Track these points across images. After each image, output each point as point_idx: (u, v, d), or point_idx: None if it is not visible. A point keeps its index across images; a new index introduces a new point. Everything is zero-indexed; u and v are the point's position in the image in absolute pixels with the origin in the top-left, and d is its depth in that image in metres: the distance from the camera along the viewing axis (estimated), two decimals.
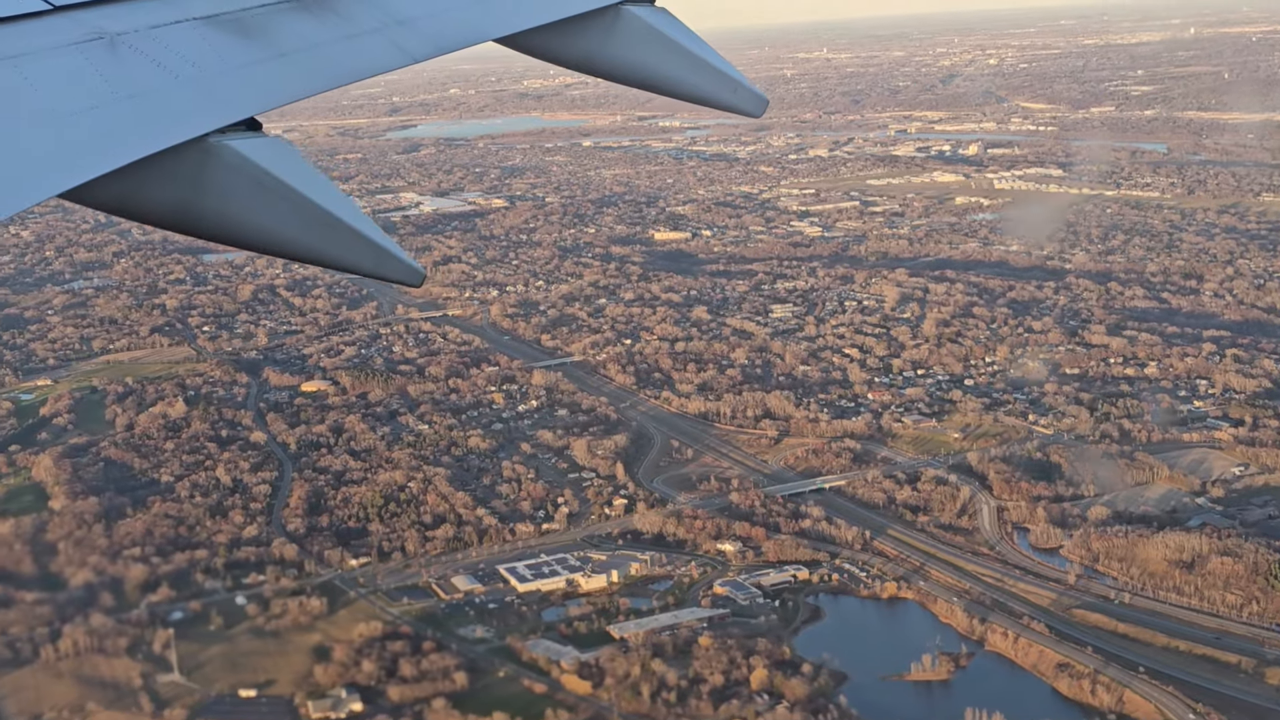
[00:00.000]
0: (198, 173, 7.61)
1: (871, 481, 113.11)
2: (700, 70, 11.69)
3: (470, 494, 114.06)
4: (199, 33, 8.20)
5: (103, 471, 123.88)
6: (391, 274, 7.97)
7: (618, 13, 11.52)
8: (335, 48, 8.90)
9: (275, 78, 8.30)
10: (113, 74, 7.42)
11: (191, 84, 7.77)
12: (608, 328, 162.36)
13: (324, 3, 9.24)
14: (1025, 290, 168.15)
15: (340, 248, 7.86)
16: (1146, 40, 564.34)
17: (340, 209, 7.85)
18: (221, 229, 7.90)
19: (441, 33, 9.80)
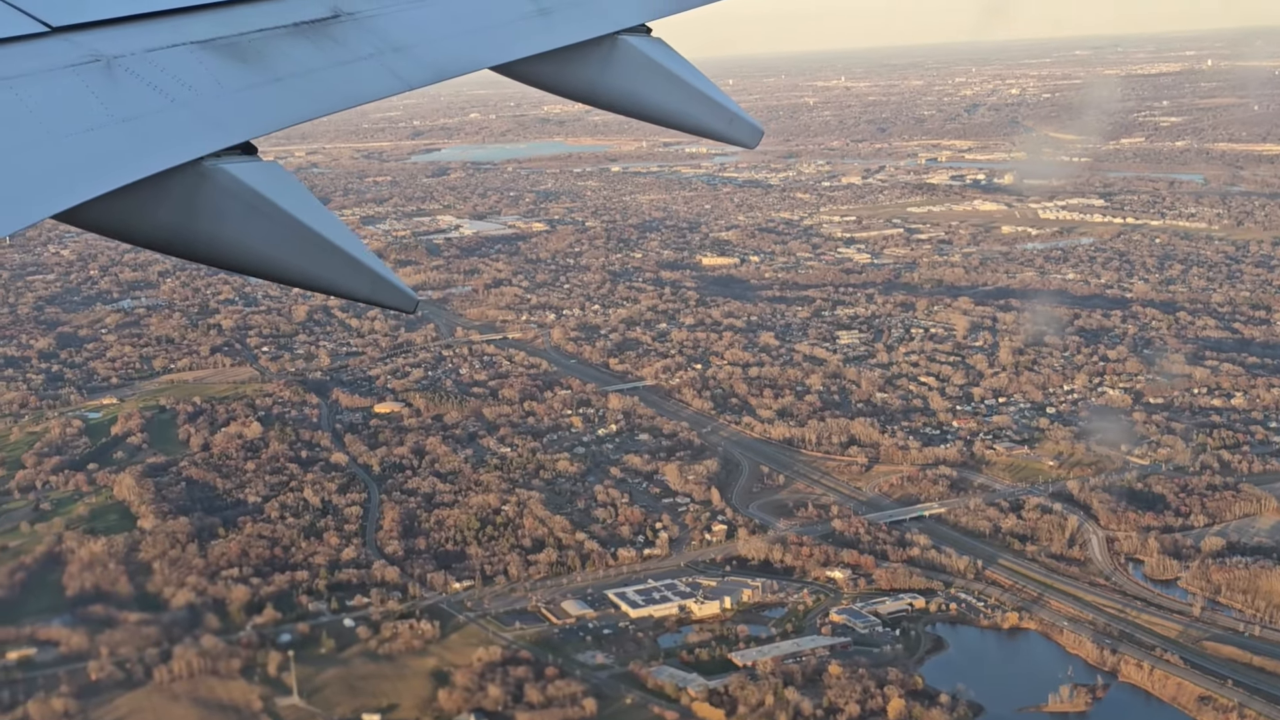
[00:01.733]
0: (192, 196, 7.59)
1: (974, 509, 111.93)
2: (696, 101, 11.66)
3: (567, 518, 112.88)
4: (195, 57, 8.18)
5: (186, 491, 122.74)
6: (386, 300, 7.94)
7: (614, 43, 11.44)
8: (331, 73, 8.88)
9: (271, 102, 8.25)
10: (109, 97, 7.40)
11: (187, 108, 7.75)
12: (675, 352, 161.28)
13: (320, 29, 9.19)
14: (1093, 319, 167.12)
15: (335, 272, 7.80)
16: (1165, 71, 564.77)
17: (335, 234, 7.79)
18: (216, 253, 7.84)
19: (437, 60, 9.75)
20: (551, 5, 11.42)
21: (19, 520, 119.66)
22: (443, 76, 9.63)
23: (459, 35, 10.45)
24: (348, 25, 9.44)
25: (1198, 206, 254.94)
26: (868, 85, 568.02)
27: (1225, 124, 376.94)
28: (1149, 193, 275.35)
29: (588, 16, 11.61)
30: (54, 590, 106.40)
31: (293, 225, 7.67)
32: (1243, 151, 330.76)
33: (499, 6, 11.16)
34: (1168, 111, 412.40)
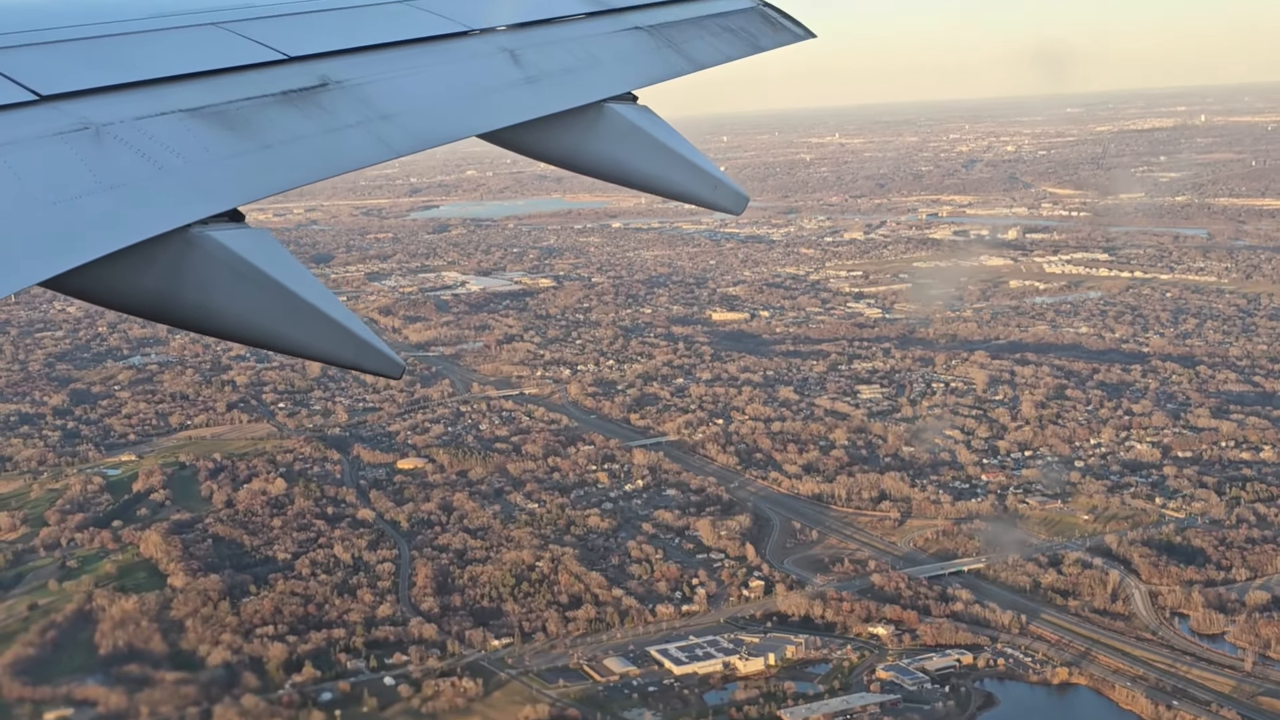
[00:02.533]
0: (179, 263, 7.59)
1: (1013, 564, 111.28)
2: (681, 168, 11.71)
3: (602, 574, 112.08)
4: (184, 124, 8.25)
5: (214, 548, 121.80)
6: (371, 366, 7.95)
7: (600, 110, 11.49)
8: (319, 140, 8.94)
9: (258, 170, 8.33)
10: (97, 164, 7.45)
11: (175, 175, 7.79)
12: (696, 407, 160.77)
13: (308, 96, 9.24)
14: (1112, 373, 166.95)
15: (321, 339, 7.81)
16: (1159, 126, 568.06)
17: (321, 301, 7.81)
18: (202, 319, 7.86)
19: (424, 128, 9.81)
20: (538, 74, 11.46)
21: (46, 578, 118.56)
22: (430, 144, 9.68)
23: (446, 103, 10.49)
24: (335, 93, 9.47)
25: (1205, 260, 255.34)
26: (862, 141, 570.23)
27: (1224, 179, 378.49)
28: (1154, 247, 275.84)
29: (575, 85, 11.67)
30: (86, 649, 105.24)
31: (279, 292, 7.66)
32: (1244, 206, 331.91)
33: (486, 74, 11.18)
34: (1166, 167, 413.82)
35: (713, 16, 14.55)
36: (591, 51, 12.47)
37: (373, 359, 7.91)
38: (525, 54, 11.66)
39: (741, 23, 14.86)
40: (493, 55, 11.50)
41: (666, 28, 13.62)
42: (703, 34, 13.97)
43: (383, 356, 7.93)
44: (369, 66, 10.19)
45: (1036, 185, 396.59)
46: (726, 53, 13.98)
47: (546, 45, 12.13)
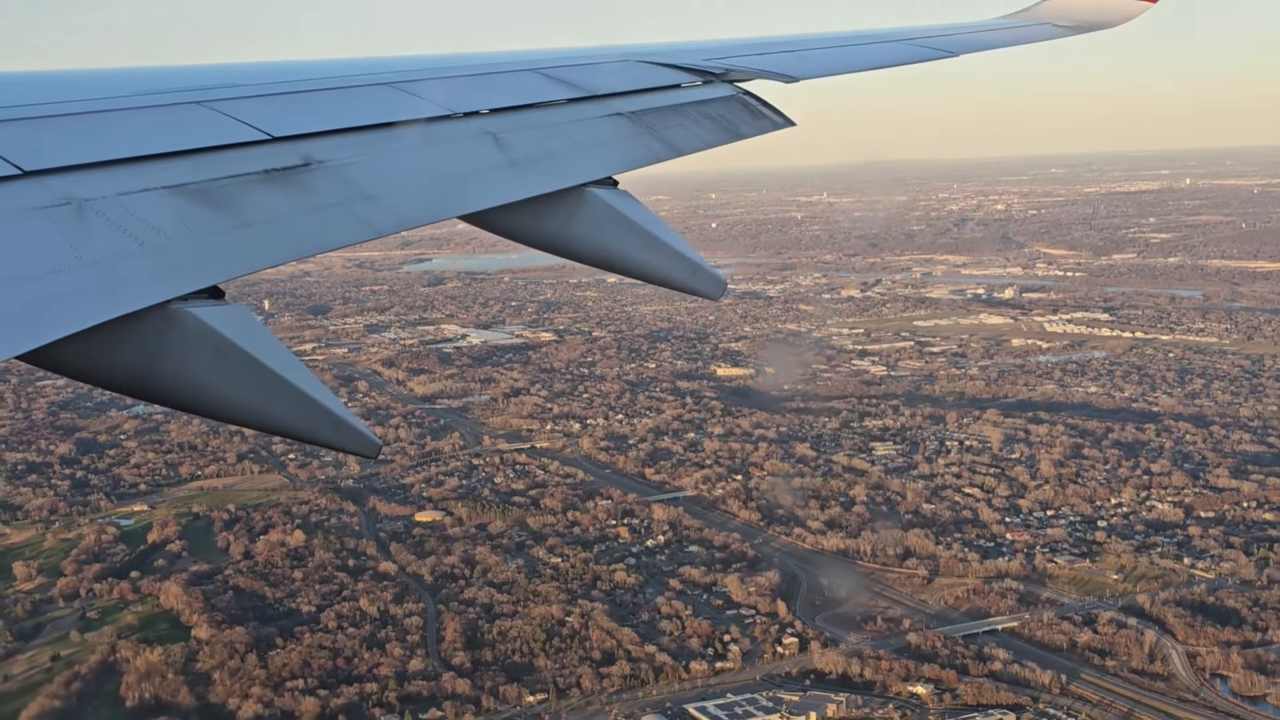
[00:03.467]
0: (158, 339, 7.61)
1: (1047, 624, 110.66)
2: (662, 253, 11.82)
3: (634, 630, 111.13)
4: (166, 201, 8.31)
5: (236, 600, 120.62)
6: (348, 445, 7.99)
7: (581, 195, 11.58)
8: (300, 220, 8.99)
9: (239, 247, 8.37)
10: (79, 239, 7.48)
11: (156, 251, 7.83)
12: (712, 462, 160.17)
13: (291, 176, 9.29)
14: (1127, 432, 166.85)
15: (299, 417, 7.83)
16: (1146, 189, 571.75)
17: (299, 379, 7.83)
18: (180, 396, 7.86)
19: (405, 209, 9.87)
20: (520, 157, 11.54)
21: (67, 628, 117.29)
22: (411, 225, 9.76)
23: (428, 184, 10.52)
24: (318, 173, 9.52)
25: (1204, 322, 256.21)
26: (851, 200, 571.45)
27: (1215, 241, 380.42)
28: (1152, 307, 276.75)
29: (556, 168, 11.74)
30: (112, 701, 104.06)
31: (257, 369, 7.69)
32: (1237, 268, 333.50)
33: (469, 157, 11.26)
34: (1156, 228, 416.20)
35: (694, 104, 14.66)
36: (573, 136, 12.62)
37: (349, 438, 7.95)
38: (507, 137, 11.75)
39: (722, 110, 14.90)
40: (475, 138, 11.61)
41: (648, 114, 13.71)
42: (684, 121, 14.05)
43: (359, 435, 7.96)
44: (352, 147, 10.27)
45: (1029, 245, 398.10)
46: (707, 139, 14.05)
47: (529, 129, 12.25)
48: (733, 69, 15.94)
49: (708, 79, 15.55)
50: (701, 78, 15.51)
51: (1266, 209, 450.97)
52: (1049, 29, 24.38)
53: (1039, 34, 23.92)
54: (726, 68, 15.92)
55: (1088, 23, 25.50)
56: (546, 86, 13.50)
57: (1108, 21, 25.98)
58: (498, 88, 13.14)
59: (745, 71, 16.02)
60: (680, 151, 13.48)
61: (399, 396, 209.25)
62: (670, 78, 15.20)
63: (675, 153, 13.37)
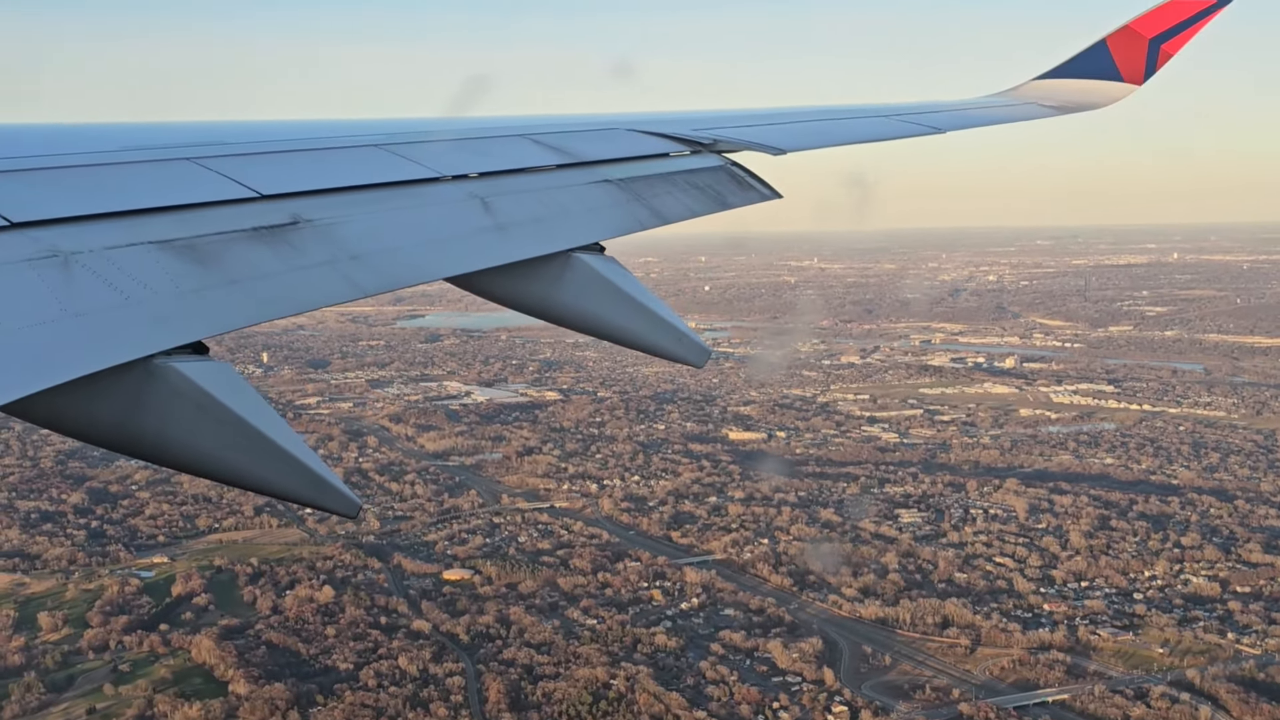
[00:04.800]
0: (140, 393, 7.57)
1: (1099, 696, 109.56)
2: (647, 320, 11.87)
3: (680, 695, 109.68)
4: (152, 256, 8.28)
5: (269, 655, 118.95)
6: (329, 505, 7.96)
7: (567, 260, 11.64)
8: (286, 278, 8.96)
9: (225, 304, 8.33)
10: (64, 292, 7.48)
11: (141, 305, 7.80)
12: (737, 526, 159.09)
13: (279, 234, 9.31)
14: (1151, 505, 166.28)
15: (281, 476, 7.76)
16: (1135, 262, 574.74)
17: (282, 437, 7.77)
18: (161, 451, 7.80)
19: (393, 270, 9.87)
20: (508, 221, 11.61)
21: (99, 681, 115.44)
22: (398, 285, 9.76)
23: (416, 246, 10.55)
24: (306, 232, 9.54)
25: (1210, 395, 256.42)
26: (842, 267, 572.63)
27: (1211, 315, 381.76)
28: (1156, 380, 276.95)
29: (543, 233, 11.82)
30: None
31: (240, 427, 7.66)
32: (1234, 343, 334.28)
33: (456, 220, 11.33)
34: (1150, 301, 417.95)
35: (682, 173, 14.71)
36: (561, 202, 12.69)
37: (331, 498, 7.91)
38: (495, 201, 11.82)
39: (710, 180, 14.95)
40: (463, 201, 11.66)
41: (635, 182, 13.75)
42: (671, 189, 14.09)
43: (341, 496, 7.93)
44: (340, 207, 10.30)
45: (1025, 315, 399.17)
46: (694, 209, 14.08)
47: (517, 194, 12.31)
48: (721, 139, 16.07)
49: (696, 149, 15.66)
50: (690, 147, 15.63)
51: (1258, 284, 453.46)
52: (1035, 108, 24.81)
53: (1025, 113, 24.33)
54: (715, 138, 16.04)
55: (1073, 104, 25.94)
56: (535, 152, 13.61)
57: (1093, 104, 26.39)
58: (487, 152, 13.26)
59: (733, 142, 16.15)
60: (667, 220, 13.50)
61: (410, 452, 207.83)
62: (659, 146, 15.30)
63: (662, 221, 13.40)
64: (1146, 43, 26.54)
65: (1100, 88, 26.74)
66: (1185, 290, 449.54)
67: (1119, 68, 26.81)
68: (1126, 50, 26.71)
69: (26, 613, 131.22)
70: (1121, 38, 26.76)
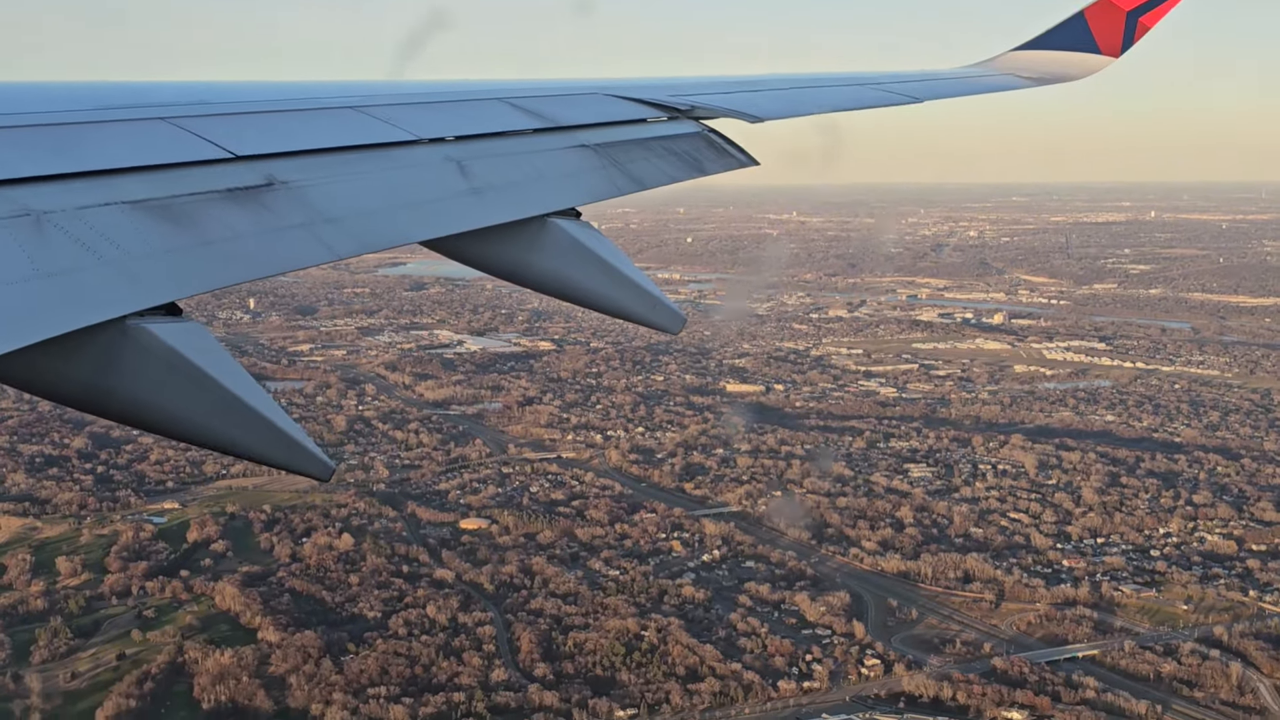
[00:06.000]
0: (112, 354, 7.55)
1: (1129, 653, 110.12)
2: (622, 286, 11.88)
3: (714, 646, 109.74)
4: (125, 216, 8.24)
5: (294, 603, 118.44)
6: (301, 467, 7.92)
7: (543, 224, 11.67)
8: (261, 240, 8.98)
9: (198, 265, 8.31)
10: (36, 251, 7.42)
11: (114, 266, 7.75)
12: (749, 479, 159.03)
13: (253, 195, 9.30)
14: (1158, 463, 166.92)
15: (253, 438, 7.77)
16: (1113, 220, 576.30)
17: (255, 399, 7.79)
18: (133, 412, 7.76)
19: (367, 232, 9.86)
20: (484, 185, 11.56)
21: (125, 626, 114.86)
22: (373, 248, 9.75)
23: (391, 209, 10.51)
24: (280, 193, 9.52)
25: (1202, 354, 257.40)
26: (821, 220, 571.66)
27: (1194, 274, 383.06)
28: (1146, 339, 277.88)
29: (519, 198, 11.77)
30: (187, 702, 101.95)
31: (214, 388, 7.65)
32: (1219, 302, 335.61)
33: (432, 183, 11.27)
34: (1133, 259, 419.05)
35: (659, 139, 14.76)
36: (538, 166, 12.67)
37: (303, 460, 7.87)
38: (471, 165, 11.76)
39: (687, 146, 15.00)
40: (439, 164, 11.62)
41: (612, 147, 13.81)
42: (648, 155, 14.14)
43: (314, 458, 7.90)
44: (315, 169, 10.27)
45: (1009, 271, 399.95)
46: (671, 174, 14.15)
47: (493, 157, 12.27)
48: (698, 106, 16.10)
49: (673, 115, 15.68)
50: (667, 113, 15.65)
51: (1239, 244, 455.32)
52: (1013, 79, 25.02)
53: (1003, 84, 24.52)
54: (692, 104, 16.07)
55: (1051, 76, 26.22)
56: (513, 116, 13.54)
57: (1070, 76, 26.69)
58: (464, 115, 13.19)
59: (711, 109, 16.21)
60: (644, 185, 13.49)
61: (410, 401, 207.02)
62: (636, 112, 15.33)
63: (639, 186, 13.38)
64: (1124, 15, 26.75)
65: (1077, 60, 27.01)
66: (1167, 249, 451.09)
67: (1096, 40, 27.01)
68: (1104, 22, 26.92)
69: (42, 557, 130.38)
70: (1099, 10, 26.93)
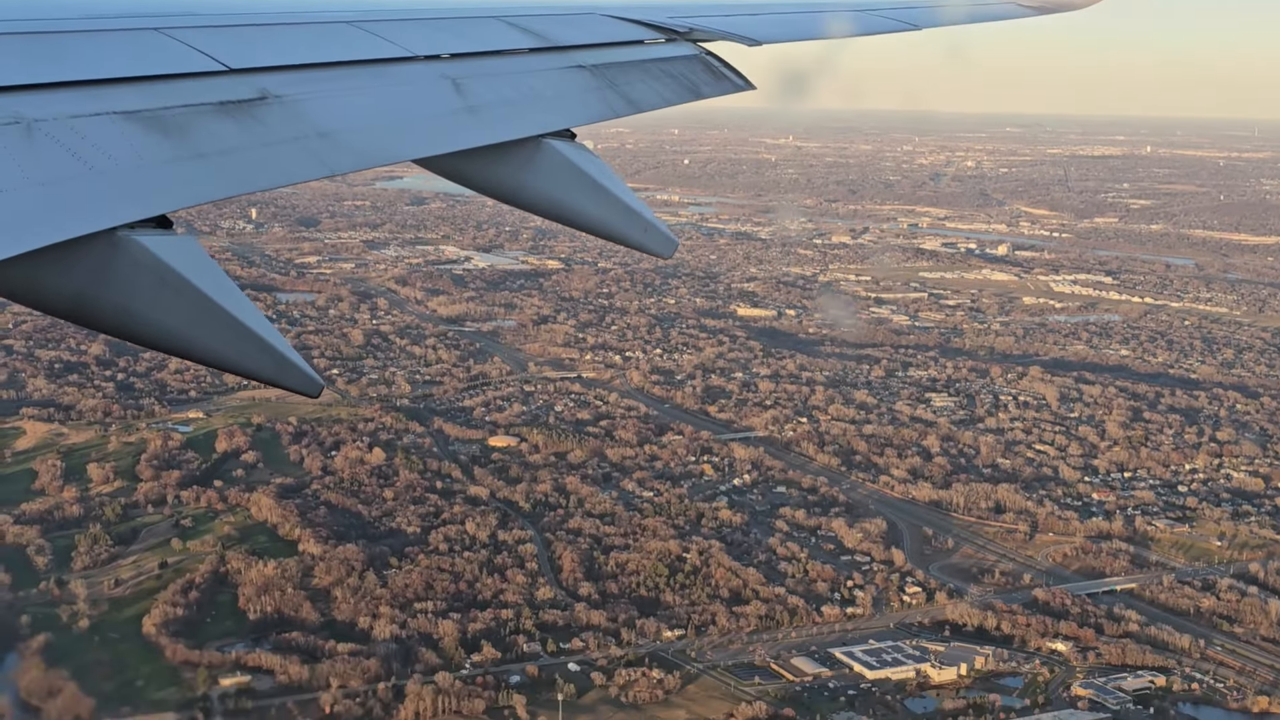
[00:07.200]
0: (102, 266, 7.51)
1: (1168, 587, 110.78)
2: (615, 209, 11.81)
3: (756, 570, 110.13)
4: (118, 127, 8.12)
5: (331, 516, 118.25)
6: (290, 383, 7.89)
7: (538, 145, 11.58)
8: (254, 153, 8.90)
9: (191, 178, 8.25)
10: (26, 159, 7.33)
11: (105, 176, 7.67)
12: (773, 404, 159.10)
13: (246, 109, 9.20)
14: (1179, 398, 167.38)
15: (241, 353, 7.76)
16: (1110, 154, 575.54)
17: (245, 314, 7.74)
18: (121, 324, 7.76)
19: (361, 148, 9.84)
20: (479, 103, 11.51)
21: (163, 535, 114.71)
22: (366, 165, 9.70)
23: (385, 126, 10.48)
24: (274, 107, 9.43)
25: (1210, 291, 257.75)
26: (818, 146, 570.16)
27: (1195, 211, 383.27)
28: (1151, 274, 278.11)
29: (515, 117, 11.74)
30: (232, 612, 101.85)
31: (203, 302, 7.58)
32: (1220, 239, 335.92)
33: (427, 100, 11.21)
34: (1132, 194, 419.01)
35: (656, 61, 14.67)
36: (533, 86, 12.59)
37: (292, 376, 7.84)
38: (467, 83, 11.65)
39: (684, 69, 14.92)
40: (435, 82, 11.51)
41: (609, 68, 13.74)
42: (645, 77, 14.07)
43: (303, 375, 7.85)
44: (310, 84, 10.15)
45: (1009, 203, 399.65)
46: (667, 97, 14.08)
47: (489, 76, 12.18)
48: (696, 28, 15.94)
49: (671, 37, 15.54)
50: (665, 35, 15.52)
51: (1237, 182, 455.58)
52: (1014, 8, 24.71)
53: (1004, 12, 24.30)
54: (691, 26, 15.91)
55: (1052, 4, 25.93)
56: (509, 35, 13.42)
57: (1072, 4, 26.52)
58: (460, 33, 13.04)
59: (709, 32, 16.04)
60: (640, 108, 13.41)
61: (424, 316, 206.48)
62: (634, 33, 15.20)
63: (635, 109, 13.32)
64: None
65: None
66: (1165, 185, 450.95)
67: None
68: None
69: (72, 463, 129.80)
70: None
